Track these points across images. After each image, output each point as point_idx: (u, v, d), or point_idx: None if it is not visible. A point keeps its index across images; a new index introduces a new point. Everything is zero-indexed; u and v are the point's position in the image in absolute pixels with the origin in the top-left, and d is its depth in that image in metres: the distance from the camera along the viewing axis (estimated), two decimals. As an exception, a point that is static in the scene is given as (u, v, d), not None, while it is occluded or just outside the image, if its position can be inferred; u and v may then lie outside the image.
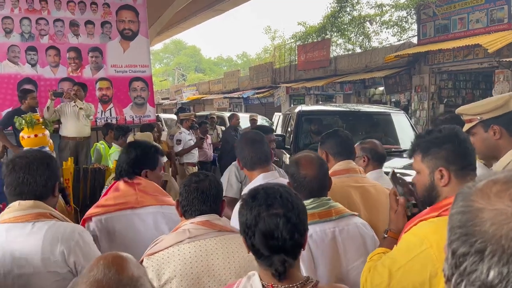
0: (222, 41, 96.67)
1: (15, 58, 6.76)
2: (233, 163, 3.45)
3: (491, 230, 0.61)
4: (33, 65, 6.86)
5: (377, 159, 2.84)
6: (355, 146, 2.67)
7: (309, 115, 6.82)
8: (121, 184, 2.21)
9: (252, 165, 2.39)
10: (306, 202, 1.72)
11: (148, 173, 2.23)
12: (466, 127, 2.08)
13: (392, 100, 13.65)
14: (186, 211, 1.78)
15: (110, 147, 5.87)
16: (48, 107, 5.97)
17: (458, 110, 2.21)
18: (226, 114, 11.69)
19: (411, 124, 6.45)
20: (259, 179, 2.31)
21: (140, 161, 2.22)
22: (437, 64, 11.88)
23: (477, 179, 0.71)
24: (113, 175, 4.33)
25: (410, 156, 1.68)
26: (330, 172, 2.13)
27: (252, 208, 1.31)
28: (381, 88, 14.00)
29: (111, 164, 5.36)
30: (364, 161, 2.81)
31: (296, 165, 1.94)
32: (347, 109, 7.44)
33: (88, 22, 7.19)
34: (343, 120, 7.28)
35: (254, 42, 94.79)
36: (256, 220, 1.28)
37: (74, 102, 6.12)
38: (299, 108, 6.91)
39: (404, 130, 6.22)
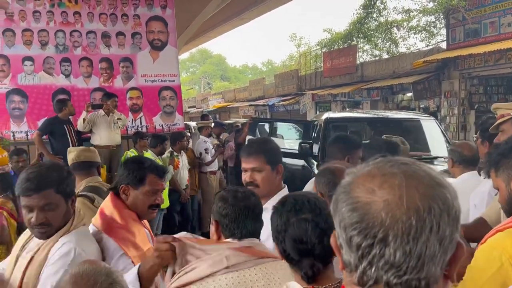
0: (247, 49, 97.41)
1: (50, 69, 7.02)
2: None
3: (387, 218, 0.69)
4: (67, 76, 7.10)
5: (462, 162, 2.77)
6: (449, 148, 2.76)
7: (337, 122, 6.78)
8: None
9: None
10: None
11: (128, 190, 2.02)
12: (497, 122, 2.15)
13: (421, 106, 13.43)
14: (234, 234, 1.60)
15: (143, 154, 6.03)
16: (84, 119, 6.17)
17: (494, 105, 2.30)
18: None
19: (441, 130, 6.33)
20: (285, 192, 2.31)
21: (121, 175, 2.06)
22: (467, 69, 11.63)
23: (348, 176, 0.78)
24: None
25: (488, 176, 1.66)
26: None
27: (282, 214, 1.34)
28: (409, 94, 13.79)
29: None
30: (450, 163, 2.88)
31: (332, 174, 1.97)
32: (375, 116, 7.37)
33: (119, 33, 7.39)
34: (371, 127, 7.21)
35: (279, 49, 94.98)
36: (286, 226, 1.31)
37: (113, 113, 6.33)
38: (326, 115, 6.88)
39: (435, 137, 6.11)
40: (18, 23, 6.87)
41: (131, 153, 6.04)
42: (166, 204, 5.48)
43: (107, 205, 2.04)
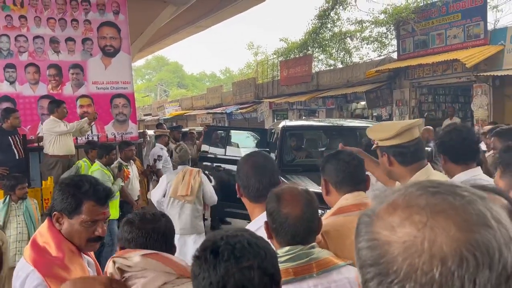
0: (205, 57, 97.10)
1: (-8, 75, 6.63)
2: None
3: (404, 266, 0.56)
4: (11, 83, 6.74)
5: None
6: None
7: (294, 130, 6.83)
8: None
9: (257, 197, 1.87)
10: (279, 251, 1.44)
11: (61, 218, 1.68)
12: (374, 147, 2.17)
13: (374, 114, 13.81)
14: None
15: (92, 165, 5.77)
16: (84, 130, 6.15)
17: (367, 130, 2.27)
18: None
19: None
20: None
21: (53, 199, 1.73)
22: (417, 78, 12.09)
23: (375, 202, 0.65)
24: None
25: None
26: (335, 208, 1.81)
27: (216, 267, 1.02)
28: (363, 103, 14.16)
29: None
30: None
31: (277, 201, 1.54)
32: (331, 124, 7.50)
33: (69, 39, 7.12)
34: (327, 135, 7.33)
35: (237, 58, 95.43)
36: (225, 281, 1.01)
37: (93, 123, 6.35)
38: (283, 123, 6.92)
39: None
40: (-43, 26, 6.46)
41: (83, 162, 5.80)
42: (116, 215, 5.26)
43: (41, 232, 1.70)
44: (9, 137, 5.74)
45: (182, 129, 8.74)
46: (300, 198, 1.54)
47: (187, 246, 4.69)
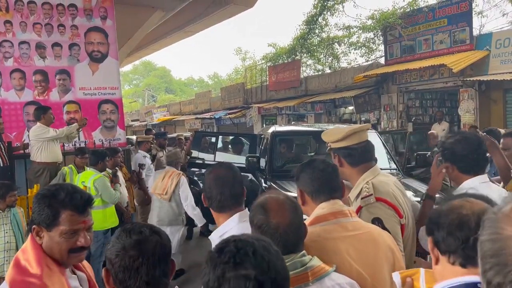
0: (192, 62, 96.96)
1: (-23, 81, 6.51)
2: None
3: None
4: (-4, 89, 6.61)
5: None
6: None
7: (283, 136, 6.82)
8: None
9: (219, 207, 1.95)
10: None
11: (40, 231, 1.60)
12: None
13: (362, 119, 13.88)
14: (129, 287, 1.28)
15: (78, 172, 5.67)
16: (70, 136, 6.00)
17: (322, 134, 2.38)
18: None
19: (382, 142, 6.53)
20: (233, 221, 1.90)
21: (34, 212, 1.63)
22: (404, 83, 12.20)
23: (502, 203, 0.71)
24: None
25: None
26: (311, 218, 1.78)
27: (217, 266, 1.02)
28: (351, 108, 14.23)
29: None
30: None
31: (264, 212, 1.50)
32: (320, 129, 7.49)
33: (55, 44, 7.03)
34: (316, 140, 7.33)
35: (225, 63, 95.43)
36: (219, 283, 0.99)
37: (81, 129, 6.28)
38: (272, 128, 6.90)
39: (376, 148, 6.28)
40: None
41: (68, 169, 5.70)
42: (116, 222, 5.21)
43: (24, 249, 1.60)
44: (-7, 144, 5.64)
45: (168, 135, 8.61)
46: (286, 206, 1.51)
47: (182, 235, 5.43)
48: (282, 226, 1.47)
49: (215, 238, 1.87)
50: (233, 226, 1.89)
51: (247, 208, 2.01)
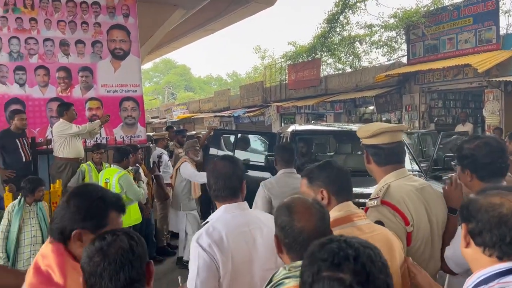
0: (212, 60, 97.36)
1: (3, 78, 6.65)
2: (261, 182, 3.58)
3: None
4: (21, 85, 6.74)
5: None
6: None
7: (303, 135, 6.75)
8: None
9: (215, 196, 2.06)
10: (293, 265, 1.40)
11: (83, 235, 1.53)
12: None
13: (383, 119, 13.70)
14: None
15: (97, 168, 5.74)
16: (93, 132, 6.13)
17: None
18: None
19: (405, 143, 6.41)
20: (220, 211, 2.00)
21: (72, 217, 1.56)
22: (427, 83, 11.98)
23: None
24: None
25: None
26: (331, 220, 1.76)
27: (314, 261, 0.98)
28: (372, 107, 14.05)
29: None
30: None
31: (289, 214, 1.48)
32: (341, 129, 7.39)
33: (79, 42, 7.11)
34: (336, 139, 7.24)
35: (244, 61, 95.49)
36: (313, 279, 0.96)
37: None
38: (292, 127, 6.84)
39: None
40: (-32, 29, 6.48)
41: (87, 166, 5.76)
42: (139, 219, 5.29)
43: (46, 254, 1.54)
44: (17, 140, 5.73)
45: (187, 133, 8.64)
46: (313, 211, 1.48)
47: (179, 218, 5.86)
48: (307, 231, 1.43)
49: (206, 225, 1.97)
50: (218, 216, 1.98)
51: (245, 202, 2.09)
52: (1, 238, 4.01)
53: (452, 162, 6.16)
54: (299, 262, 1.35)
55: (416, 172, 5.74)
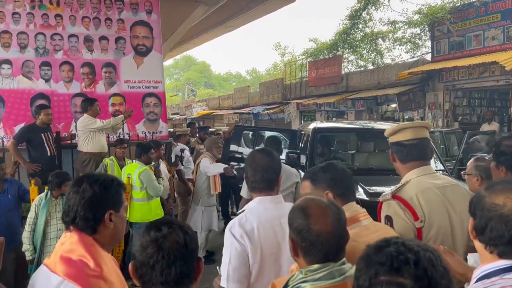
0: (231, 57, 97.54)
1: (29, 73, 6.75)
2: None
3: None
4: (46, 80, 6.84)
5: (491, 179, 2.40)
6: (469, 162, 2.53)
7: (325, 132, 6.68)
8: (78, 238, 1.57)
9: (252, 188, 2.14)
10: (311, 268, 1.39)
11: (112, 216, 1.62)
12: None
13: (405, 117, 13.49)
14: (145, 283, 1.26)
15: (119, 163, 5.81)
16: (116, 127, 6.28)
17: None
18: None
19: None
20: (254, 202, 2.09)
21: (100, 201, 1.62)
22: (451, 81, 11.73)
23: None
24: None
25: None
26: None
27: (371, 264, 0.95)
28: (394, 105, 13.85)
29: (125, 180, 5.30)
30: (477, 180, 2.58)
31: (305, 217, 1.43)
32: (363, 127, 7.29)
33: (102, 38, 7.18)
34: (359, 137, 7.14)
35: (263, 58, 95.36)
36: (371, 283, 0.93)
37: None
38: (313, 124, 6.78)
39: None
40: (-4, 25, 6.60)
41: (110, 161, 5.83)
42: (161, 214, 5.32)
43: (71, 248, 1.53)
44: (42, 134, 5.82)
45: (209, 129, 8.69)
46: (329, 213, 1.44)
47: (196, 212, 5.95)
48: (324, 234, 1.40)
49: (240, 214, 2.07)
50: (252, 207, 2.07)
51: (280, 196, 2.16)
52: (28, 231, 4.08)
53: (462, 173, 6.00)
54: (316, 266, 1.37)
55: (440, 172, 5.63)
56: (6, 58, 6.61)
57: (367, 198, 4.55)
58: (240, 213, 2.07)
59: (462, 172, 2.78)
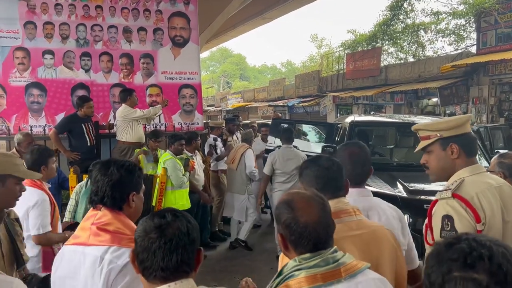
0: (267, 49, 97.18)
1: (70, 63, 6.90)
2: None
3: None
4: (86, 71, 6.98)
5: None
6: (493, 159, 2.39)
7: (363, 126, 6.50)
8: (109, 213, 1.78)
9: (351, 180, 2.05)
10: (302, 257, 1.40)
11: (135, 196, 1.83)
12: (422, 144, 2.06)
13: (447, 112, 13.00)
14: (146, 269, 1.29)
15: (152, 153, 5.88)
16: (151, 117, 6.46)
17: (415, 127, 2.14)
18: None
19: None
20: (352, 194, 2.00)
21: (125, 183, 1.82)
22: (498, 75, 11.19)
23: None
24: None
25: None
26: None
27: (443, 261, 0.94)
28: (435, 99, 13.37)
29: (150, 171, 5.37)
30: (500, 177, 2.40)
31: (291, 210, 1.44)
32: (403, 121, 7.04)
33: (141, 29, 7.24)
34: (398, 132, 6.90)
35: (299, 50, 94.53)
36: (444, 279, 0.91)
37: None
38: (351, 118, 6.61)
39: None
40: (40, 16, 6.76)
41: (142, 151, 5.89)
42: (187, 205, 5.36)
43: (107, 219, 1.74)
44: (83, 125, 5.95)
45: (238, 121, 8.60)
46: (313, 203, 1.46)
47: (235, 200, 6.14)
48: (311, 224, 1.42)
49: None
50: (352, 200, 1.95)
51: (369, 190, 2.17)
52: (69, 218, 4.15)
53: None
54: (309, 254, 1.40)
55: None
56: (48, 48, 6.78)
57: (407, 196, 4.39)
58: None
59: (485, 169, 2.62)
